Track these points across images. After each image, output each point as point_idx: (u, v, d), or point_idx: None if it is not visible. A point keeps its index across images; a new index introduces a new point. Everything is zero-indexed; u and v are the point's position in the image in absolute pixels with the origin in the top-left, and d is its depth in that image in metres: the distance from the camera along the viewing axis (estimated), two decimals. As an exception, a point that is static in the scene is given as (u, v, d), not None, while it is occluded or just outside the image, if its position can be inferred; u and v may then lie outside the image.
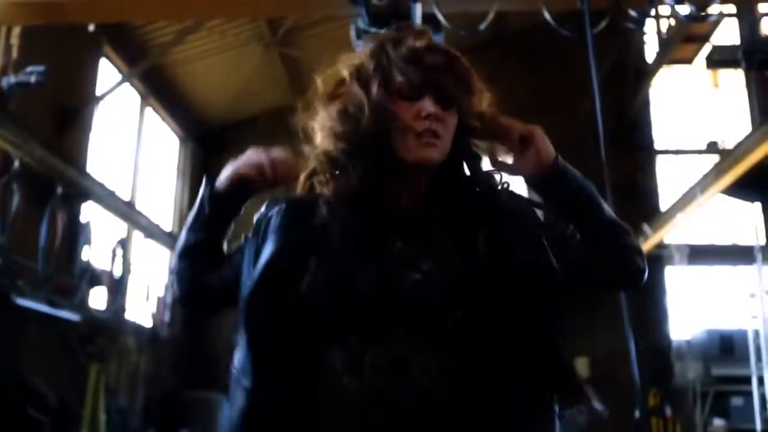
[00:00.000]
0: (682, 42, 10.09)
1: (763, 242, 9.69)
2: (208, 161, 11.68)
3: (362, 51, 1.43)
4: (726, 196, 8.70)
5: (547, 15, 4.01)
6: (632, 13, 4.08)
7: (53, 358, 7.53)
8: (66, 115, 8.13)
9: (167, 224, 11.23)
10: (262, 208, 1.46)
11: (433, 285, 1.27)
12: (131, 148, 10.38)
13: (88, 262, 8.20)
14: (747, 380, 8.76)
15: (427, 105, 1.34)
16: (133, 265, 9.60)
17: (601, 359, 10.60)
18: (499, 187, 1.45)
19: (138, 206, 10.00)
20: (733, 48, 9.09)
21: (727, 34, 10.37)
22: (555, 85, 11.13)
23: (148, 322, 10.12)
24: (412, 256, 1.30)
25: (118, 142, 9.99)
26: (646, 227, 9.79)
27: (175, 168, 11.84)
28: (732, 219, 11.61)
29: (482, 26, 4.10)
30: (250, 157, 1.43)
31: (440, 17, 3.94)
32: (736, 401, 10.18)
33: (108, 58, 9.45)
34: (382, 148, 1.34)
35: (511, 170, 1.44)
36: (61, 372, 7.62)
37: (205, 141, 12.00)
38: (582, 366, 11.08)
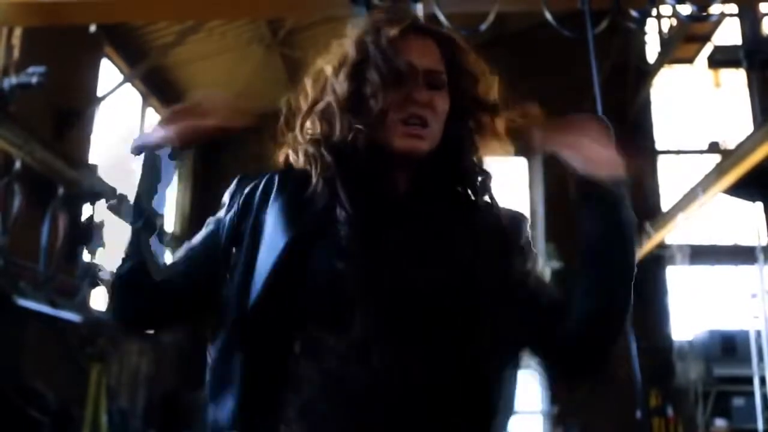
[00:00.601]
0: (683, 42, 10.09)
1: (764, 242, 9.67)
2: (209, 161, 11.70)
3: (347, 40, 1.37)
4: (727, 196, 8.69)
5: (548, 15, 4.01)
6: (633, 13, 4.08)
7: (54, 359, 7.53)
8: (67, 116, 8.13)
9: (169, 225, 11.19)
10: (233, 184, 1.41)
11: (394, 278, 1.21)
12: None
13: (89, 263, 8.20)
14: (749, 380, 8.74)
15: (414, 90, 1.30)
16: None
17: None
18: (484, 189, 1.42)
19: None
20: (734, 48, 9.08)
21: (729, 33, 10.37)
22: (556, 85, 11.13)
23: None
24: (391, 249, 1.24)
25: (120, 143, 9.91)
26: (647, 227, 9.78)
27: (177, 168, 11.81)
28: (734, 219, 11.60)
29: (483, 27, 4.10)
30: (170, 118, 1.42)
31: (441, 17, 3.94)
32: (738, 402, 10.16)
33: (109, 58, 9.45)
34: (367, 140, 1.29)
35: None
36: (62, 373, 7.61)
37: (206, 142, 11.93)
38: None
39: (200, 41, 9.77)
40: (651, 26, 11.31)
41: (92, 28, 8.28)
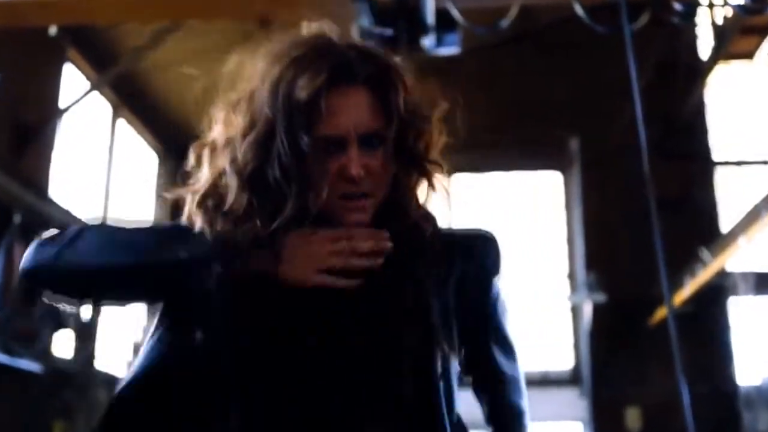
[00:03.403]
0: (740, 34, 10.09)
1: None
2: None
3: (256, 92, 1.40)
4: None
5: (578, 8, 4.05)
6: (676, 5, 4.09)
7: (12, 416, 7.55)
8: (25, 132, 8.20)
9: (144, 256, 11.21)
10: None
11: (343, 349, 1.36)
12: (102, 168, 10.44)
13: (51, 303, 8.18)
14: (829, 431, 8.66)
15: (346, 161, 1.34)
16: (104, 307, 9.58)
17: (653, 408, 10.65)
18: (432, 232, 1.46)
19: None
20: (800, 40, 9.08)
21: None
22: (592, 87, 11.14)
23: (123, 372, 10.06)
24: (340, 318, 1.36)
25: (87, 161, 10.07)
26: (704, 252, 9.75)
27: (154, 189, 11.89)
28: (806, 241, 11.54)
29: (505, 23, 4.13)
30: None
31: (456, 14, 3.97)
32: (817, 456, 10.06)
33: (73, 63, 9.55)
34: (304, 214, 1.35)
35: None
36: (22, 430, 7.65)
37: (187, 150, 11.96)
38: (633, 417, 11.13)
39: (178, 41, 9.81)
40: (702, 16, 11.34)
41: (53, 30, 8.34)
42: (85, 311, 9.07)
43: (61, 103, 9.07)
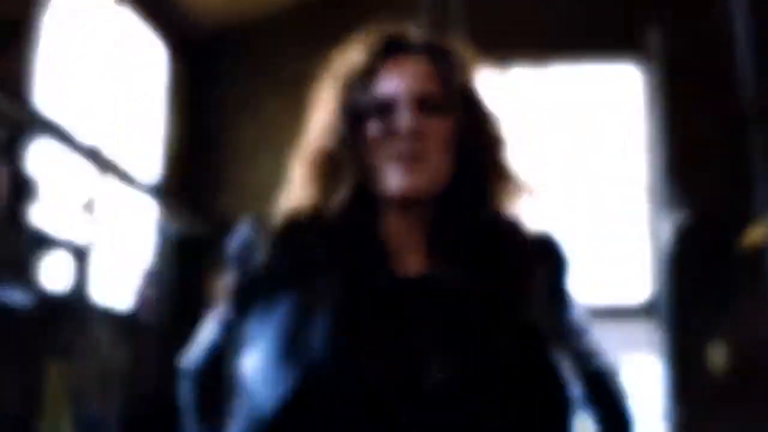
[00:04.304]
0: None
1: None
2: (206, 75, 11.67)
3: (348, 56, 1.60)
4: None
5: None
6: None
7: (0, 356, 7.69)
8: (3, 28, 8.12)
9: (153, 169, 11.15)
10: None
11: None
12: (99, 68, 10.17)
13: (40, 227, 8.25)
14: None
15: (400, 119, 1.48)
16: (104, 228, 9.55)
17: (743, 345, 10.73)
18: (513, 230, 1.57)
19: (109, 147, 9.84)
20: None
21: None
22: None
23: (124, 304, 10.19)
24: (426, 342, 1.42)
25: (80, 60, 9.81)
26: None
27: (165, 89, 11.64)
28: None
29: None
30: None
31: None
32: None
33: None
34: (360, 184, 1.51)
35: None
36: (11, 374, 7.79)
37: (203, 49, 11.97)
38: (718, 353, 11.06)
39: None
40: None
41: None
42: (80, 234, 8.99)
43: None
